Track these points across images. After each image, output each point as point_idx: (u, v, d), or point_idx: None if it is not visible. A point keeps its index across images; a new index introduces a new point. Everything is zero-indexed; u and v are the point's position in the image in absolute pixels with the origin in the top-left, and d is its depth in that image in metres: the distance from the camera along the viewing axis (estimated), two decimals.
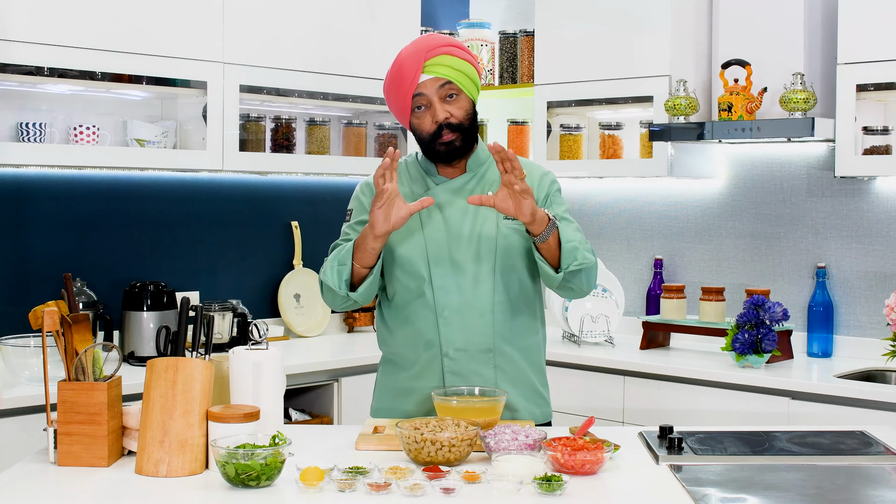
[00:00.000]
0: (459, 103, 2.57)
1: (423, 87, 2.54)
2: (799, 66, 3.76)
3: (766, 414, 3.50)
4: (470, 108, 2.60)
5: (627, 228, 4.55)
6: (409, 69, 2.53)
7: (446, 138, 2.56)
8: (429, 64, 2.53)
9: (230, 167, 3.82)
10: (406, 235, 2.63)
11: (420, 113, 2.57)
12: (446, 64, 2.54)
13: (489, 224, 2.62)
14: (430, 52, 2.54)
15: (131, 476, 2.15)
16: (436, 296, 2.60)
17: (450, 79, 2.54)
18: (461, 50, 2.58)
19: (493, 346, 2.63)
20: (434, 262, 2.61)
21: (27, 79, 3.39)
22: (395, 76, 2.57)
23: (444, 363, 2.62)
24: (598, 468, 2.17)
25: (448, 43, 2.57)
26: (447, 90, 2.55)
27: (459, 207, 2.63)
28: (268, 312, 4.29)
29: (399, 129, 4.41)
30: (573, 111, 4.44)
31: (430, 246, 2.61)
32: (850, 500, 2.10)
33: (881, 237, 3.90)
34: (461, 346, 2.61)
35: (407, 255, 2.62)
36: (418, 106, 2.56)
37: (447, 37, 2.63)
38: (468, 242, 2.61)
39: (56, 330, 2.24)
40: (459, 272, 2.60)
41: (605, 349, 4.10)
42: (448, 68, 2.54)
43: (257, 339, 2.44)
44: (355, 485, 2.04)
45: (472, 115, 2.60)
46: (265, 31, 3.88)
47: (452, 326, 2.60)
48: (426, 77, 2.54)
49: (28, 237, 3.66)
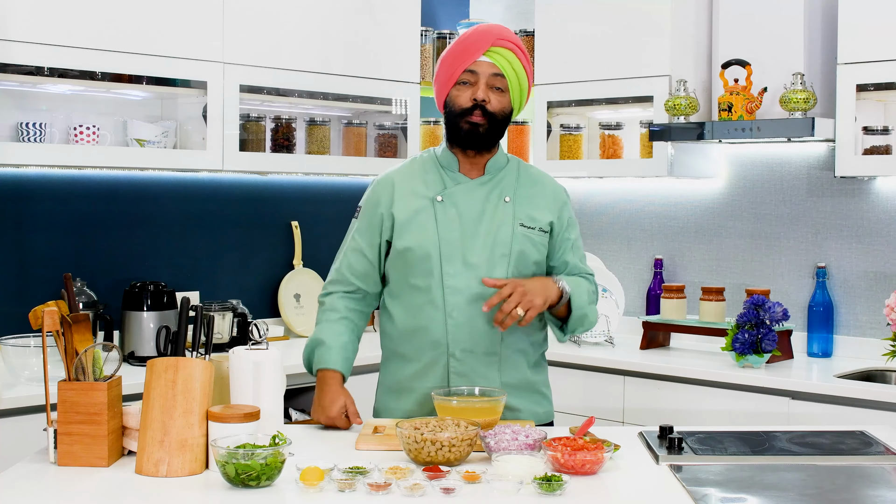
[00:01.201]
0: (502, 98, 2.61)
1: (478, 66, 2.59)
2: (799, 66, 3.76)
3: (766, 414, 3.50)
4: (507, 109, 2.63)
5: (627, 228, 4.55)
6: (475, 45, 2.58)
7: (475, 119, 2.59)
8: (493, 49, 2.58)
9: (230, 167, 3.82)
10: (420, 231, 2.61)
11: (463, 87, 2.61)
12: (508, 59, 2.59)
13: (505, 228, 2.62)
14: (499, 41, 2.59)
15: (131, 476, 2.15)
16: (446, 296, 2.60)
17: (504, 73, 2.59)
18: (523, 54, 2.63)
19: (498, 349, 2.63)
20: (446, 261, 2.60)
21: (27, 79, 3.39)
22: (458, 46, 2.61)
23: (450, 364, 2.61)
24: (598, 468, 2.17)
25: (518, 44, 2.62)
26: (497, 81, 2.60)
27: (476, 208, 2.63)
28: (268, 312, 4.29)
29: (399, 130, 4.41)
30: (573, 111, 4.44)
31: (444, 244, 2.60)
32: (850, 500, 2.10)
33: (881, 237, 3.90)
34: (468, 347, 2.61)
35: (419, 251, 2.61)
36: (464, 81, 2.60)
37: (514, 34, 2.67)
38: (483, 244, 2.61)
39: (56, 330, 2.24)
40: (472, 273, 2.60)
41: (605, 349, 4.09)
42: (507, 63, 2.59)
43: (257, 339, 2.44)
44: (355, 485, 2.04)
45: (506, 115, 2.63)
46: (265, 31, 3.88)
47: (461, 328, 2.60)
48: (485, 59, 2.59)
49: (28, 237, 3.66)
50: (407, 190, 2.66)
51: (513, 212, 2.64)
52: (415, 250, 2.61)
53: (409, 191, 2.66)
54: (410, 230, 2.61)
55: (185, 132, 3.84)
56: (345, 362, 2.62)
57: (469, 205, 2.63)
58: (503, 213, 2.63)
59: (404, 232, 2.62)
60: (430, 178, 2.67)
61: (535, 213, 2.66)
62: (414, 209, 2.63)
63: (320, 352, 2.62)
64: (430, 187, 2.65)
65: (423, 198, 2.64)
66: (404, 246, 2.62)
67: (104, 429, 2.19)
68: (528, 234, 2.63)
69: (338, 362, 2.61)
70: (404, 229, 2.62)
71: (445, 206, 2.62)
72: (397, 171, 2.73)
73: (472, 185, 2.65)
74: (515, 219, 2.63)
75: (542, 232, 2.66)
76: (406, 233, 2.62)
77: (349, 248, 2.71)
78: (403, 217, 2.63)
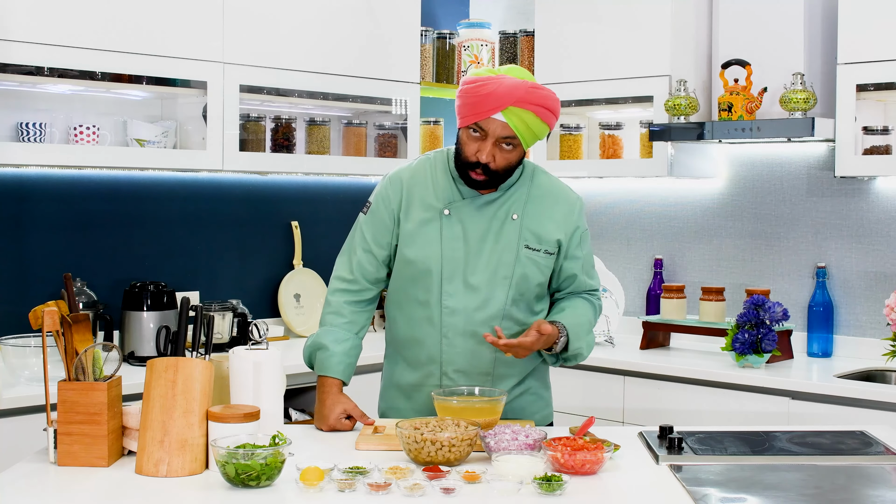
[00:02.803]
0: (510, 154, 2.50)
1: (489, 124, 2.46)
2: (799, 66, 3.76)
3: (766, 414, 3.50)
4: (516, 160, 2.54)
5: (627, 228, 4.55)
6: (491, 103, 2.44)
7: (477, 176, 2.51)
8: (511, 110, 2.44)
9: (230, 167, 3.82)
10: (424, 245, 2.58)
11: (472, 135, 2.49)
12: (525, 120, 2.46)
13: (510, 249, 2.58)
14: (519, 103, 2.44)
15: (131, 476, 2.15)
16: (443, 316, 2.58)
17: (518, 133, 2.47)
18: (548, 112, 2.49)
19: (492, 370, 2.62)
20: (447, 280, 2.57)
21: (27, 79, 3.38)
22: (475, 95, 2.46)
23: (442, 381, 2.62)
24: (598, 468, 2.17)
25: (540, 104, 2.47)
26: (507, 140, 2.48)
27: (482, 226, 2.58)
28: (268, 312, 4.29)
29: (399, 130, 4.41)
30: (573, 111, 4.44)
31: (446, 262, 2.57)
32: (850, 500, 2.10)
33: (881, 237, 3.90)
34: (461, 368, 2.61)
35: (421, 265, 2.58)
36: (475, 130, 2.49)
37: (545, 95, 2.49)
38: (486, 265, 2.57)
39: (56, 330, 2.24)
40: (471, 294, 2.57)
41: (605, 349, 4.09)
42: (523, 124, 2.46)
43: (257, 339, 2.44)
44: (355, 485, 2.04)
45: (514, 165, 2.54)
46: (265, 31, 3.88)
47: (455, 349, 2.59)
48: (499, 118, 2.45)
49: (28, 237, 3.66)
50: (417, 197, 2.60)
51: (519, 232, 2.59)
52: (417, 264, 2.59)
53: (419, 198, 2.60)
54: (416, 242, 2.59)
55: (185, 132, 3.84)
56: (346, 369, 2.61)
57: (475, 222, 2.58)
58: (509, 233, 2.58)
59: (410, 243, 2.59)
60: (440, 186, 2.61)
61: (543, 231, 2.60)
62: (421, 220, 2.59)
63: (322, 356, 2.61)
64: (439, 197, 2.60)
65: (431, 209, 2.59)
66: (408, 257, 2.60)
67: (104, 429, 2.19)
68: (533, 256, 2.59)
69: (338, 370, 2.59)
70: (410, 240, 2.59)
71: (452, 221, 2.58)
72: (411, 172, 2.65)
73: (480, 202, 2.59)
74: (521, 240, 2.58)
75: (547, 254, 2.61)
76: (411, 244, 2.59)
77: (360, 245, 2.66)
78: (410, 227, 2.60)
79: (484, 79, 2.47)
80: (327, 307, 2.69)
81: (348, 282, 2.68)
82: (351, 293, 2.67)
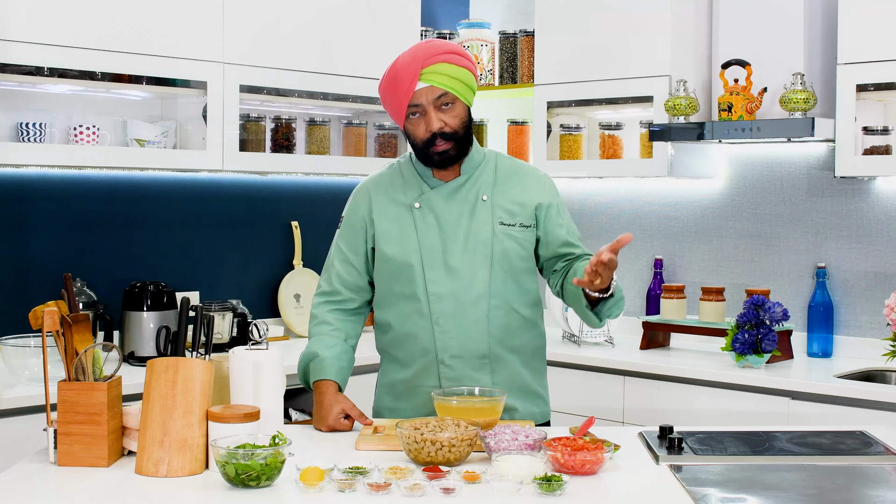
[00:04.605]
0: (454, 112, 2.55)
1: (419, 97, 2.52)
2: (799, 66, 3.76)
3: (766, 414, 3.50)
4: (465, 116, 2.57)
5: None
6: (406, 77, 2.50)
7: (440, 147, 2.55)
8: (425, 72, 2.50)
9: (230, 167, 3.82)
10: (400, 239, 2.61)
11: (414, 119, 2.55)
12: (443, 72, 2.50)
13: (485, 228, 2.60)
14: (427, 61, 2.50)
15: (131, 476, 2.15)
16: (431, 304, 2.59)
17: (446, 88, 2.51)
18: (459, 56, 2.54)
19: (488, 351, 2.62)
20: (429, 268, 2.59)
21: (27, 79, 3.39)
22: (391, 82, 2.54)
23: (440, 370, 2.62)
24: (598, 468, 2.17)
25: (445, 50, 2.53)
26: (442, 100, 2.52)
27: (454, 211, 2.62)
28: (268, 312, 4.29)
29: (399, 130, 4.41)
30: (573, 111, 4.44)
31: (425, 251, 2.60)
32: (850, 500, 2.10)
33: (881, 237, 3.90)
34: (457, 353, 2.61)
35: (401, 259, 2.61)
36: (413, 112, 2.54)
37: (445, 43, 2.58)
38: (463, 247, 2.60)
39: (56, 330, 2.24)
40: (454, 278, 2.59)
41: (605, 349, 4.09)
42: (445, 76, 2.51)
43: (257, 339, 2.44)
44: (355, 485, 2.04)
45: (467, 123, 2.58)
46: (265, 31, 3.88)
47: (448, 334, 2.60)
48: (422, 85, 2.51)
49: (28, 237, 3.66)
50: (385, 198, 2.66)
51: (491, 210, 2.62)
52: (397, 258, 2.61)
53: (387, 199, 2.65)
54: (391, 239, 2.62)
55: (185, 132, 3.84)
56: (339, 372, 2.62)
57: (447, 209, 2.61)
58: (481, 214, 2.61)
59: (385, 241, 2.62)
60: (407, 183, 2.66)
61: (514, 206, 2.63)
62: (393, 217, 2.63)
63: (314, 364, 2.62)
64: (407, 194, 2.64)
65: (401, 205, 2.63)
66: (387, 254, 2.62)
67: (104, 429, 2.19)
68: (509, 231, 2.61)
69: (332, 372, 2.60)
70: (385, 238, 2.62)
71: (424, 212, 2.61)
72: (375, 178, 2.72)
73: (449, 189, 2.63)
74: (494, 217, 2.61)
75: (523, 227, 2.63)
76: (388, 241, 2.62)
77: (336, 258, 2.71)
78: (383, 226, 2.64)
79: (387, 70, 2.56)
80: (312, 321, 2.71)
81: (328, 293, 2.71)
82: (333, 303, 2.70)
